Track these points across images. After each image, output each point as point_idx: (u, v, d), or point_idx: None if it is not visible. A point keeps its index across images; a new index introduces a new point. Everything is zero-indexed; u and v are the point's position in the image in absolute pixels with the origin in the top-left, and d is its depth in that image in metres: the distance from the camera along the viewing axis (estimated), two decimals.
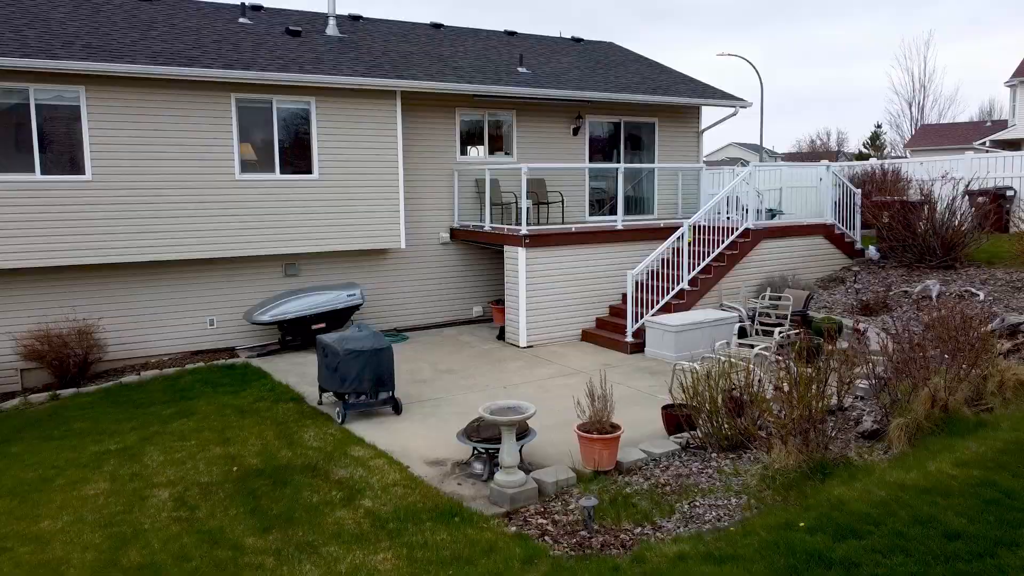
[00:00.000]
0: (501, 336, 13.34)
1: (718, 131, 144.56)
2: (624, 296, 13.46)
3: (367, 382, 8.98)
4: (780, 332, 11.00)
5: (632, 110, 16.28)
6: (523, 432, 7.51)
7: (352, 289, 12.69)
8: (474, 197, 14.68)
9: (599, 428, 7.39)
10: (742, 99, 16.66)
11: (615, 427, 7.42)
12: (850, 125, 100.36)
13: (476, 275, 14.82)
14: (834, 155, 59.67)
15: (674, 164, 13.03)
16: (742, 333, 12.52)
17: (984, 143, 36.09)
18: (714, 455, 7.53)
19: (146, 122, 11.36)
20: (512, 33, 18.37)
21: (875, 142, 58.43)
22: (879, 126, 58.85)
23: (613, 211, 16.37)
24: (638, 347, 12.21)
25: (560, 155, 15.58)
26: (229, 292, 12.67)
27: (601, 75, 16.17)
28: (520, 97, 14.39)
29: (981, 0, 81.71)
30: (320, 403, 9.70)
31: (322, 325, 12.45)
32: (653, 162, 16.56)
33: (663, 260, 13.16)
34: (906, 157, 34.06)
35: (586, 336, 13.06)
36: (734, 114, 16.59)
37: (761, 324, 11.94)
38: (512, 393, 10.03)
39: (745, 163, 15.02)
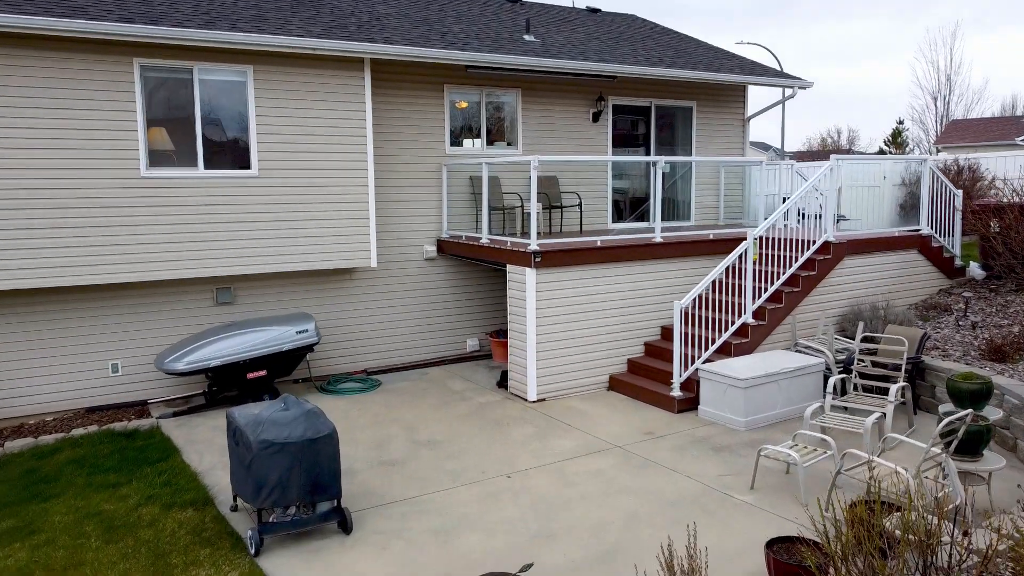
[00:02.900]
0: (503, 383, 10.14)
1: None
2: (664, 330, 10.25)
3: (296, 489, 5.78)
4: (895, 389, 7.80)
5: (665, 90, 13.08)
6: None
7: (304, 323, 9.48)
8: (468, 199, 11.48)
9: None
10: (800, 78, 13.46)
11: None
12: (860, 123, 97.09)
13: (470, 299, 11.63)
14: (846, 153, 56.56)
15: (729, 158, 10.01)
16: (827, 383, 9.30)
17: None
18: None
19: (10, 97, 8.16)
20: (515, 0, 15.14)
21: (896, 139, 55.23)
22: (901, 122, 55.80)
23: (642, 216, 13.17)
24: (689, 404, 9.01)
25: (576, 146, 12.38)
26: (138, 329, 9.47)
27: (626, 48, 12.97)
28: (527, 70, 11.18)
29: None
30: (235, 508, 6.52)
31: (261, 373, 9.25)
32: (689, 154, 13.36)
33: (714, 282, 9.97)
34: (933, 153, 30.86)
35: (615, 384, 9.86)
36: (791, 96, 13.40)
37: (860, 374, 8.73)
38: (520, 487, 6.83)
39: (781, 159, 11.81)
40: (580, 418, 8.82)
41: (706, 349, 9.39)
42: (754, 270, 9.64)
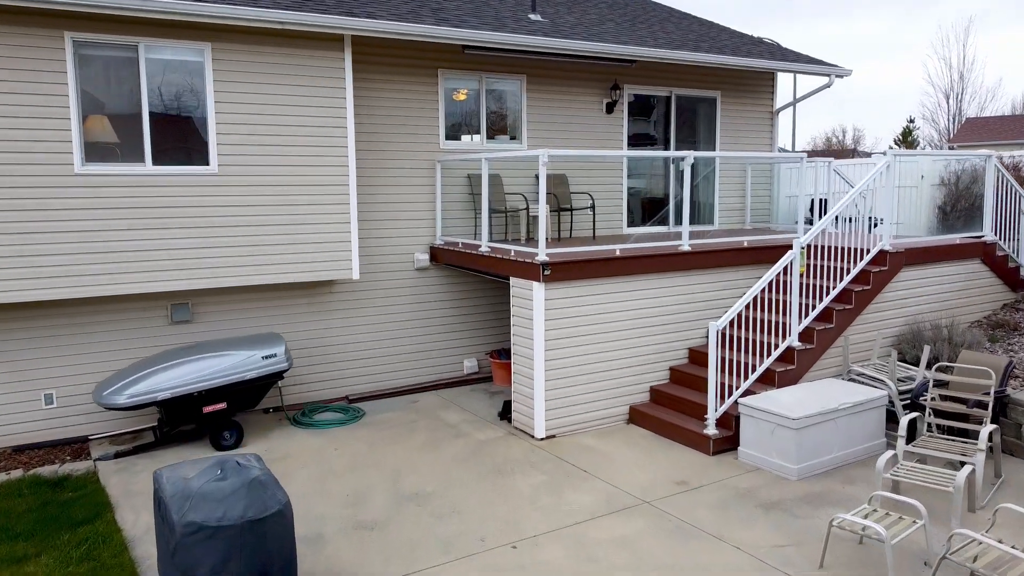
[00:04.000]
0: (505, 414, 8.72)
1: None
2: (693, 353, 8.84)
3: None
4: (986, 433, 6.38)
5: (687, 79, 11.66)
6: None
7: (272, 346, 8.06)
8: (465, 201, 10.07)
9: None
10: (836, 65, 12.05)
11: None
12: (865, 123, 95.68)
13: (468, 314, 10.21)
14: (851, 153, 55.18)
15: (765, 155, 8.70)
16: (891, 418, 7.92)
17: None
18: None
19: None
20: None
21: (907, 138, 53.79)
22: (911, 120, 54.24)
23: (661, 220, 11.77)
24: (726, 443, 7.60)
25: (587, 141, 10.97)
26: (77, 353, 8.06)
27: (644, 31, 11.55)
28: (533, 52, 9.77)
29: None
30: None
31: (220, 406, 7.82)
32: (711, 151, 11.98)
33: (754, 300, 8.57)
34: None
35: (636, 417, 8.44)
36: (827, 85, 11.97)
37: (933, 410, 7.31)
38: (529, 562, 5.41)
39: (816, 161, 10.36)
40: (598, 462, 7.40)
41: (745, 378, 7.97)
42: (800, 284, 8.22)
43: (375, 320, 9.58)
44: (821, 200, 11.99)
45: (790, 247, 9.36)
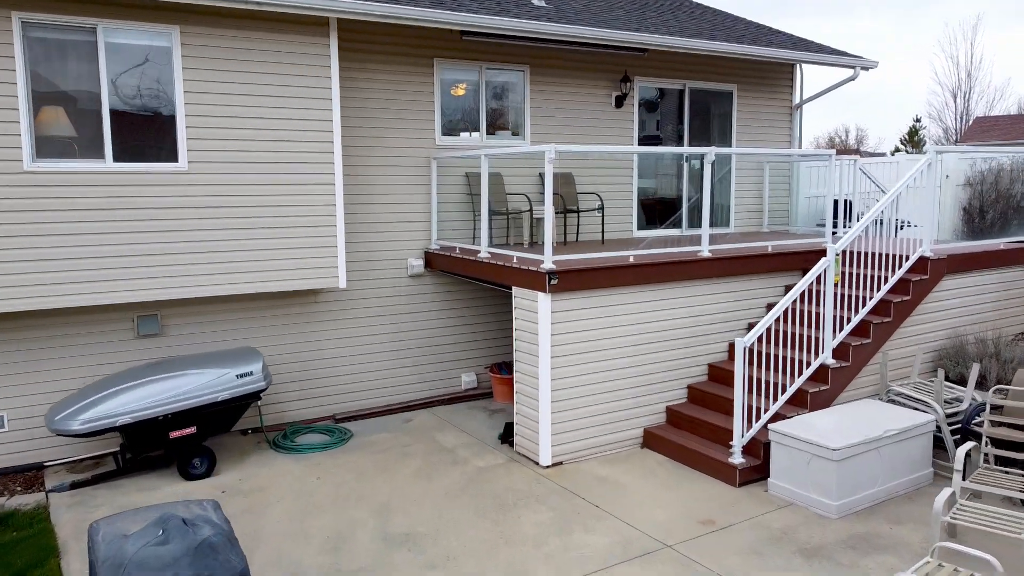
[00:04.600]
0: (507, 437, 7.92)
1: None
2: (713, 369, 8.04)
3: None
4: None
5: (702, 70, 10.86)
6: None
7: (248, 363, 7.25)
8: (463, 202, 9.27)
9: None
10: (861, 56, 11.25)
11: None
12: (868, 123, 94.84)
13: (466, 325, 9.41)
14: (855, 153, 54.41)
15: (793, 151, 7.95)
16: (937, 444, 7.12)
17: None
18: None
19: None
20: None
21: (913, 137, 53.00)
22: (918, 120, 53.35)
23: (675, 223, 10.97)
24: (755, 473, 6.80)
25: (595, 137, 10.17)
26: (32, 371, 7.25)
27: (655, 18, 10.75)
28: (537, 39, 8.97)
29: None
30: None
31: (190, 430, 7.02)
32: (728, 146, 11.18)
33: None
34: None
35: (652, 441, 7.64)
36: (852, 78, 11.17)
37: (991, 439, 6.49)
38: None
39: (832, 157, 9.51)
40: (611, 494, 6.60)
41: (774, 399, 7.17)
42: (834, 294, 7.41)
43: (365, 332, 8.77)
44: (846, 202, 11.20)
45: (818, 253, 8.57)
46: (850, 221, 10.95)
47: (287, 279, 7.75)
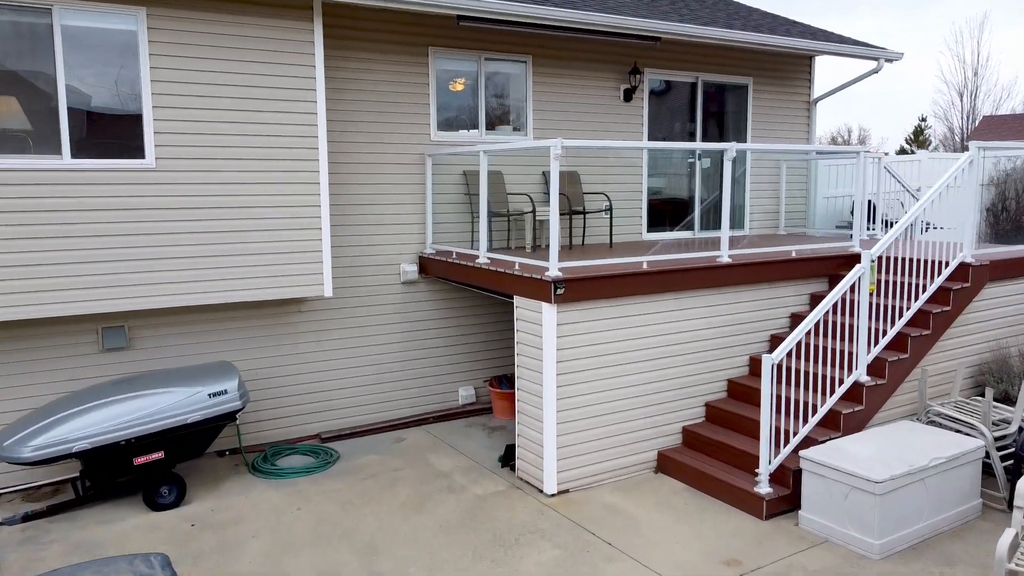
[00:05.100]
0: (508, 459, 7.24)
1: None
2: (732, 385, 7.35)
3: None
4: None
5: (716, 62, 10.17)
6: None
7: (221, 380, 6.57)
8: (461, 202, 8.59)
9: None
10: (884, 48, 10.56)
11: None
12: (871, 122, 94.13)
13: (464, 335, 8.73)
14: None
15: (825, 147, 7.35)
16: (985, 470, 6.44)
17: None
18: None
19: None
20: None
21: (918, 137, 52.29)
22: (923, 119, 52.57)
23: (688, 225, 10.29)
24: (783, 504, 6.12)
25: (602, 132, 9.48)
26: None
27: (666, 6, 10.06)
28: (540, 25, 8.29)
29: None
30: None
31: (156, 456, 6.33)
32: (743, 143, 10.51)
33: (798, 319, 7.09)
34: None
35: (667, 465, 6.95)
36: (876, 71, 10.48)
37: None
38: None
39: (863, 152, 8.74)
40: (624, 529, 5.91)
41: (803, 420, 6.49)
42: (868, 304, 6.73)
43: (353, 344, 8.09)
44: (869, 203, 10.53)
45: (846, 258, 7.90)
46: (873, 223, 10.28)
47: (267, 287, 7.06)
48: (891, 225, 11.22)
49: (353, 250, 8.01)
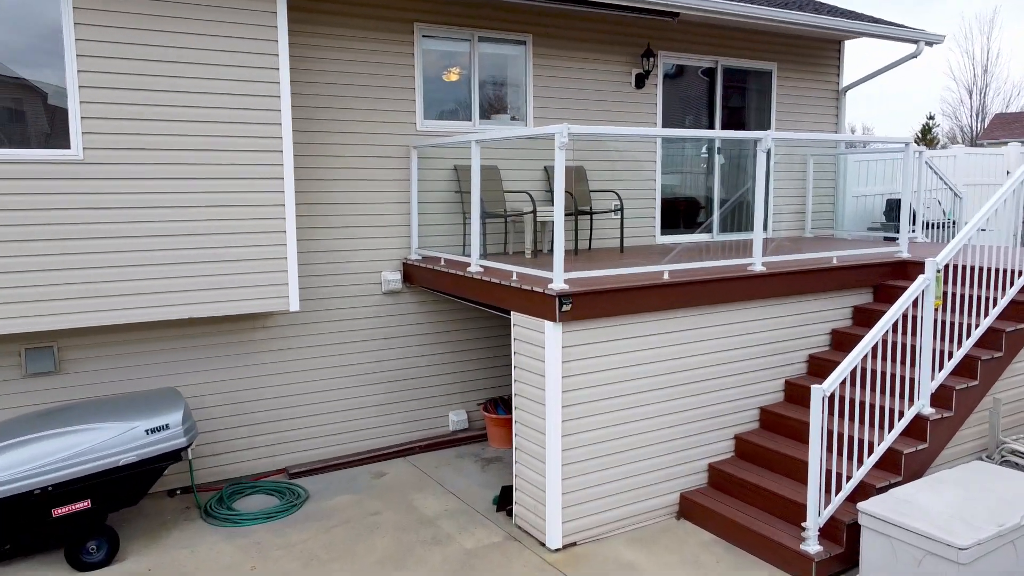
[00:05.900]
0: (505, 502, 6.17)
1: None
2: (765, 415, 6.29)
3: None
4: None
5: (737, 45, 9.13)
6: None
7: (162, 412, 5.51)
8: (451, 201, 7.53)
9: None
10: (923, 29, 9.52)
11: None
12: (875, 121, 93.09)
13: (455, 351, 7.68)
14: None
15: (874, 137, 6.38)
16: None
17: None
18: None
19: None
20: None
21: (926, 135, 51.24)
22: (931, 117, 51.45)
23: (706, 227, 9.25)
24: (836, 565, 5.06)
25: (610, 122, 8.44)
26: None
27: None
28: (541, 2, 7.23)
29: None
30: None
31: (81, 505, 5.27)
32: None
33: (846, 340, 6.05)
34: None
35: (691, 511, 5.89)
36: (914, 55, 9.43)
37: None
38: None
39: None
40: None
41: (858, 462, 5.43)
42: (932, 322, 5.67)
43: (327, 364, 7.04)
44: (900, 202, 9.48)
45: (894, 265, 6.85)
46: (914, 224, 9.24)
47: (220, 300, 6.00)
48: (929, 227, 10.19)
49: (325, 256, 6.96)
